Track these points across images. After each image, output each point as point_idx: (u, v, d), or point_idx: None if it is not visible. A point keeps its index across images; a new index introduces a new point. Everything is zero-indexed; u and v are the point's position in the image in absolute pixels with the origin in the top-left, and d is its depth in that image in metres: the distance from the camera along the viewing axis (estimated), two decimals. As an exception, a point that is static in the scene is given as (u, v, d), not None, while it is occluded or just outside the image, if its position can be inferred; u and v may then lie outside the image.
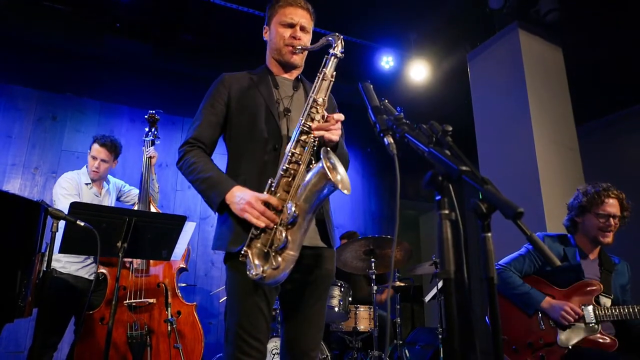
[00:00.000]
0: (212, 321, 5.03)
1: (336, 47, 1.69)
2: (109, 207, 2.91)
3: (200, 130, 1.72)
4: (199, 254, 5.19)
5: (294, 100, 1.80)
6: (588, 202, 2.42)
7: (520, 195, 3.80)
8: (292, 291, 1.67)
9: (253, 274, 1.47)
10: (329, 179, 1.43)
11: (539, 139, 3.83)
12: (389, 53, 5.14)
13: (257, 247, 1.50)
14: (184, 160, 1.68)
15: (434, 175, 1.00)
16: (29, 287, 1.61)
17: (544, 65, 4.10)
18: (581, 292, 2.33)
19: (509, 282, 2.37)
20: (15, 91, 4.79)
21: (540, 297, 2.32)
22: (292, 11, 1.79)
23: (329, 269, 1.72)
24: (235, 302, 1.58)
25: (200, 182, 1.62)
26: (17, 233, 1.58)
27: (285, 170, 1.55)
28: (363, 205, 6.38)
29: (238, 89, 1.77)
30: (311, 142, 1.58)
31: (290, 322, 1.67)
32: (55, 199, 3.04)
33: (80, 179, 3.20)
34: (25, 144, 4.73)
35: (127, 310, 2.90)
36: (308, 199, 1.49)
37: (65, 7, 4.32)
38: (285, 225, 1.49)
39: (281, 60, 1.82)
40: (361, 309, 3.75)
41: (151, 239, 2.50)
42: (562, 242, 2.47)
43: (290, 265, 1.49)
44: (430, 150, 1.05)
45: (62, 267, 2.96)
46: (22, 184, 4.66)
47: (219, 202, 1.57)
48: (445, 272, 0.94)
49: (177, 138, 5.46)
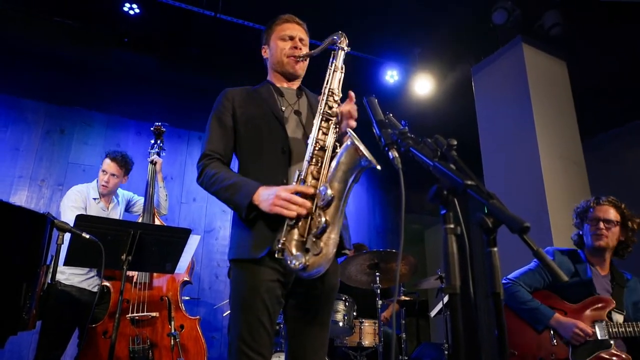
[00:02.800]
0: (216, 335, 5.00)
1: (341, 42, 1.75)
2: (114, 219, 2.93)
3: (213, 142, 1.73)
4: (203, 266, 5.17)
5: (299, 107, 1.84)
6: (582, 213, 2.48)
7: (526, 210, 3.78)
8: (296, 306, 1.65)
9: (295, 264, 1.42)
10: (361, 154, 1.43)
11: (545, 153, 3.82)
12: (393, 67, 5.18)
13: (294, 238, 1.47)
14: (204, 174, 1.67)
15: (439, 189, 1.00)
16: (34, 300, 1.61)
17: (548, 79, 4.11)
18: (593, 308, 2.29)
19: (518, 296, 2.34)
20: (25, 104, 4.86)
21: (550, 313, 2.28)
22: (290, 26, 1.89)
23: (333, 282, 1.70)
24: (238, 315, 1.57)
25: (224, 190, 1.60)
26: (22, 245, 1.59)
27: (311, 159, 1.55)
28: (368, 218, 6.36)
29: (241, 101, 1.80)
30: (333, 128, 1.61)
31: (295, 337, 1.66)
32: (62, 211, 3.06)
33: (89, 192, 3.21)
34: (32, 157, 4.78)
35: (129, 323, 2.88)
36: (341, 179, 1.48)
37: (74, 22, 4.40)
38: (322, 208, 1.46)
39: (284, 71, 1.87)
40: (366, 324, 3.71)
41: (155, 251, 2.50)
42: (573, 257, 2.44)
43: (333, 249, 1.45)
44: (435, 164, 1.05)
45: (66, 279, 2.96)
46: (29, 196, 4.69)
47: (247, 204, 1.53)
48: (451, 286, 0.94)
49: (183, 151, 5.49)
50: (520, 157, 3.97)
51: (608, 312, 2.27)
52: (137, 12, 4.06)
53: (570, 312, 2.30)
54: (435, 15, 4.37)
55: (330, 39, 1.75)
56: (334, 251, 1.45)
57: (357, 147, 1.43)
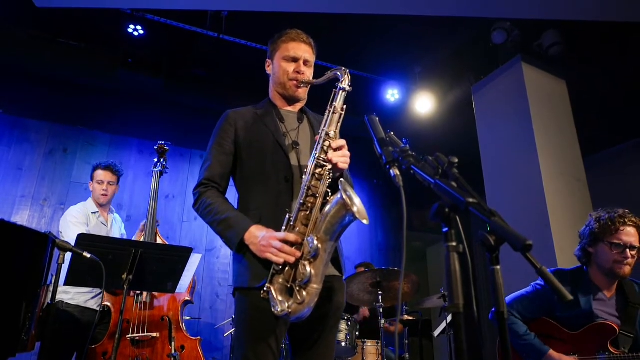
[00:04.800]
0: (217, 356, 4.93)
1: (344, 81, 1.72)
2: (116, 238, 2.91)
3: (211, 170, 1.74)
4: (204, 285, 5.14)
5: (300, 133, 1.83)
6: (601, 230, 2.15)
7: (528, 228, 3.76)
8: (302, 325, 1.64)
9: (278, 310, 1.46)
10: (348, 209, 1.45)
11: (546, 171, 3.82)
12: (394, 86, 5.23)
13: (279, 282, 1.51)
14: (200, 202, 1.70)
15: (440, 207, 1.00)
16: (33, 320, 1.59)
17: (548, 97, 4.14)
18: (594, 336, 2.14)
19: (512, 329, 2.20)
20: (29, 124, 4.90)
21: (543, 350, 2.14)
22: (295, 46, 1.84)
23: (340, 301, 1.70)
24: (244, 338, 1.56)
25: (217, 224, 1.63)
26: (23, 264, 1.58)
27: (302, 204, 1.56)
28: (370, 236, 6.33)
29: (244, 125, 1.79)
30: (326, 175, 1.60)
31: (301, 357, 1.64)
32: (63, 230, 3.05)
33: (87, 208, 3.23)
34: (35, 176, 4.79)
35: (129, 344, 2.85)
36: (328, 231, 1.50)
37: (79, 44, 4.47)
38: (308, 259, 1.49)
39: (285, 94, 1.86)
40: (368, 344, 3.66)
41: (157, 271, 2.48)
42: (574, 280, 2.24)
43: (315, 298, 1.48)
44: (437, 182, 1.05)
45: (71, 299, 2.93)
46: (31, 215, 4.69)
47: (238, 243, 1.58)
48: (454, 306, 0.93)
49: (185, 169, 5.52)
50: (522, 175, 3.97)
51: (613, 339, 2.11)
52: (141, 33, 4.13)
53: (569, 341, 2.17)
54: (435, 35, 4.44)
55: (333, 74, 1.73)
56: (315, 300, 1.48)
57: (346, 202, 1.45)
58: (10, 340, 1.42)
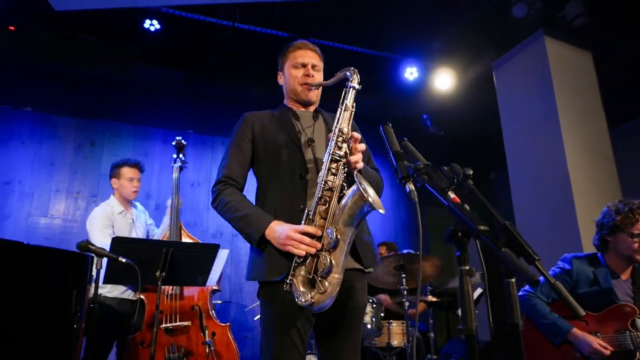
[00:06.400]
0: (248, 335, 5.14)
1: (353, 79, 1.76)
2: (148, 240, 3.04)
3: (229, 168, 1.81)
4: (232, 269, 5.31)
5: (315, 130, 1.89)
6: (622, 221, 2.32)
7: (552, 208, 3.73)
8: (326, 323, 1.71)
9: (302, 301, 1.52)
10: (365, 200, 1.50)
11: (570, 148, 3.74)
12: (412, 64, 5.15)
13: (301, 274, 1.56)
14: (219, 200, 1.77)
15: (454, 232, 1.04)
16: (79, 334, 1.73)
17: (572, 71, 4.01)
18: (615, 316, 2.25)
19: (536, 310, 2.32)
20: (57, 120, 5.06)
21: (567, 327, 2.25)
22: (302, 53, 1.93)
23: (361, 301, 1.76)
24: (271, 337, 1.64)
25: (237, 221, 1.70)
26: (71, 286, 1.72)
27: (320, 198, 1.61)
28: (393, 214, 6.36)
29: (260, 125, 1.87)
30: (341, 169, 1.65)
31: (327, 351, 1.72)
32: (90, 232, 3.14)
33: (113, 209, 3.30)
34: (67, 170, 4.99)
35: (164, 333, 3.01)
36: (347, 222, 1.55)
37: (98, 39, 4.55)
38: (328, 250, 1.55)
39: (298, 99, 1.93)
40: (394, 325, 3.75)
41: (187, 267, 2.62)
42: (592, 263, 2.39)
43: (337, 288, 1.54)
44: (450, 206, 1.08)
45: (108, 292, 3.09)
46: (66, 207, 4.91)
47: (258, 239, 1.64)
48: (468, 329, 0.98)
49: (208, 157, 5.63)
50: (545, 153, 3.90)
51: (632, 320, 2.22)
52: (158, 27, 4.16)
53: (591, 322, 2.27)
54: (453, 10, 4.31)
55: (343, 74, 1.77)
56: (337, 290, 1.53)
57: (362, 194, 1.49)
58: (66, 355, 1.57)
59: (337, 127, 1.69)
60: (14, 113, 4.94)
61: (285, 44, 2.02)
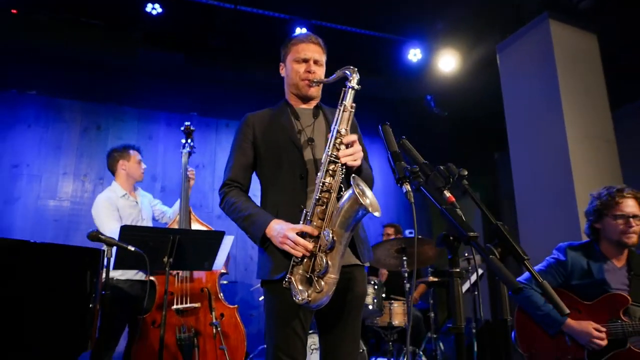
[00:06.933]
0: (254, 312, 5.29)
1: (352, 79, 1.77)
2: (156, 228, 3.12)
3: (233, 171, 1.88)
4: (238, 249, 5.42)
5: (315, 128, 1.91)
6: (603, 206, 2.36)
7: (552, 192, 3.77)
8: (327, 313, 1.79)
9: (299, 299, 1.60)
10: (360, 204, 1.54)
11: (572, 131, 3.75)
12: (416, 46, 5.12)
13: (299, 273, 1.64)
14: (225, 201, 1.85)
15: (445, 237, 1.09)
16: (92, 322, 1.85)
17: (577, 53, 3.98)
18: (608, 305, 2.27)
19: (531, 301, 2.33)
20: (62, 104, 5.11)
21: (561, 318, 2.27)
22: (305, 47, 1.92)
23: (361, 290, 1.83)
24: (274, 327, 1.73)
25: (241, 220, 1.78)
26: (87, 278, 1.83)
27: (318, 200, 1.66)
28: (395, 195, 6.43)
29: (261, 127, 1.90)
30: (339, 171, 1.69)
31: (328, 340, 1.81)
32: (99, 223, 3.21)
33: (116, 192, 3.37)
34: (74, 154, 5.06)
35: (175, 314, 3.14)
36: (343, 224, 1.60)
37: (100, 22, 4.55)
38: (325, 251, 1.61)
39: (299, 93, 1.95)
40: (395, 305, 3.86)
41: (193, 253, 2.71)
42: (586, 252, 2.40)
43: (333, 287, 1.61)
44: (443, 211, 1.13)
45: (121, 275, 3.20)
46: (74, 190, 5.01)
47: (260, 237, 1.72)
48: (456, 327, 1.05)
49: (212, 139, 5.68)
50: (547, 136, 3.92)
51: (625, 309, 2.25)
52: (160, 11, 4.15)
53: (584, 311, 2.30)
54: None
55: (343, 73, 1.78)
56: (333, 289, 1.60)
57: (357, 198, 1.52)
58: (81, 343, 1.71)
59: (336, 129, 1.72)
60: (19, 97, 4.98)
61: (287, 26, 2.01)
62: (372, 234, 5.52)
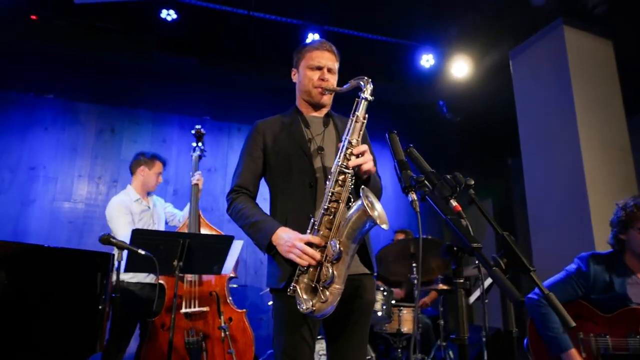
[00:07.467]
0: (263, 317, 5.30)
1: (366, 90, 1.76)
2: (166, 232, 3.15)
3: (242, 177, 1.88)
4: (248, 253, 5.44)
5: (325, 137, 1.91)
6: (628, 217, 2.28)
7: (565, 200, 3.72)
8: (335, 320, 1.78)
9: (304, 308, 1.59)
10: (369, 216, 1.52)
11: (585, 139, 3.70)
12: (428, 51, 5.11)
13: (304, 282, 1.63)
14: (232, 207, 1.85)
15: (450, 247, 1.09)
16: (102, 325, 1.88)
17: (592, 61, 3.93)
18: (627, 320, 2.21)
19: (545, 319, 2.28)
20: (78, 107, 5.21)
21: (566, 346, 2.21)
22: (319, 54, 1.92)
23: (370, 298, 1.82)
24: (282, 333, 1.74)
25: (248, 227, 1.78)
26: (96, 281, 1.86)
27: (326, 209, 1.65)
28: (407, 200, 6.38)
29: (271, 134, 1.90)
30: (349, 181, 1.68)
31: (336, 348, 1.80)
32: (112, 226, 3.28)
33: (130, 196, 3.45)
34: (89, 156, 5.15)
35: (183, 317, 3.16)
36: (350, 235, 1.59)
37: (116, 27, 4.64)
38: (331, 262, 1.60)
39: (311, 101, 1.94)
40: (404, 312, 3.84)
41: (203, 257, 2.73)
42: (610, 264, 2.32)
43: (337, 297, 1.60)
44: (448, 221, 1.13)
45: (132, 278, 3.24)
46: (89, 192, 5.09)
47: (266, 245, 1.72)
48: (459, 339, 1.04)
49: (224, 143, 5.73)
50: (560, 142, 3.87)
51: None
52: (175, 17, 4.22)
53: (601, 323, 2.25)
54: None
55: (356, 83, 1.77)
56: (338, 299, 1.59)
57: (366, 209, 1.51)
58: (91, 344, 1.73)
59: (347, 139, 1.71)
60: (37, 100, 5.09)
61: (300, 31, 1.99)
62: (383, 240, 5.50)
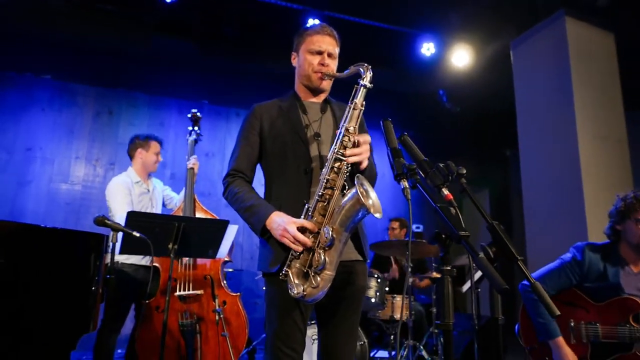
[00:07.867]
0: (258, 301, 5.36)
1: (365, 77, 1.73)
2: (161, 215, 3.15)
3: (238, 161, 1.87)
4: (244, 238, 5.48)
5: (322, 124, 1.90)
6: (627, 208, 2.30)
7: (560, 191, 3.73)
8: (327, 306, 1.79)
9: (294, 293, 1.60)
10: (362, 204, 1.53)
11: (583, 131, 3.71)
12: (429, 40, 5.07)
13: (296, 267, 1.64)
14: (228, 191, 1.85)
15: (438, 234, 1.10)
16: (95, 305, 1.90)
17: (592, 52, 3.91)
18: (618, 309, 2.25)
19: (536, 305, 2.31)
20: (75, 88, 5.18)
21: (554, 334, 2.25)
22: (320, 39, 1.89)
23: (362, 284, 1.83)
24: (274, 316, 1.75)
25: (243, 211, 1.78)
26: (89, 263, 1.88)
27: (321, 196, 1.65)
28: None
29: (268, 118, 1.89)
30: (344, 169, 1.68)
31: (327, 333, 1.82)
32: (111, 206, 3.28)
33: (131, 177, 3.44)
34: (86, 138, 5.14)
35: (178, 300, 3.18)
36: (343, 223, 1.60)
37: (115, 8, 4.59)
38: (324, 248, 1.61)
39: (310, 86, 1.92)
40: (397, 299, 3.88)
41: (198, 240, 2.74)
42: (605, 254, 2.35)
43: (328, 283, 1.62)
44: (437, 209, 1.14)
45: (126, 259, 3.26)
46: (86, 174, 5.10)
47: (261, 228, 1.72)
48: (445, 324, 1.06)
49: (222, 127, 5.72)
50: (558, 134, 3.87)
51: (635, 315, 2.22)
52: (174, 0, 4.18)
53: (592, 311, 2.29)
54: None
55: (356, 69, 1.75)
56: (328, 285, 1.60)
57: (360, 198, 1.52)
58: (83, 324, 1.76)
59: (344, 126, 1.70)
60: (35, 80, 5.06)
61: (300, 16, 1.95)
62: (379, 227, 5.53)
